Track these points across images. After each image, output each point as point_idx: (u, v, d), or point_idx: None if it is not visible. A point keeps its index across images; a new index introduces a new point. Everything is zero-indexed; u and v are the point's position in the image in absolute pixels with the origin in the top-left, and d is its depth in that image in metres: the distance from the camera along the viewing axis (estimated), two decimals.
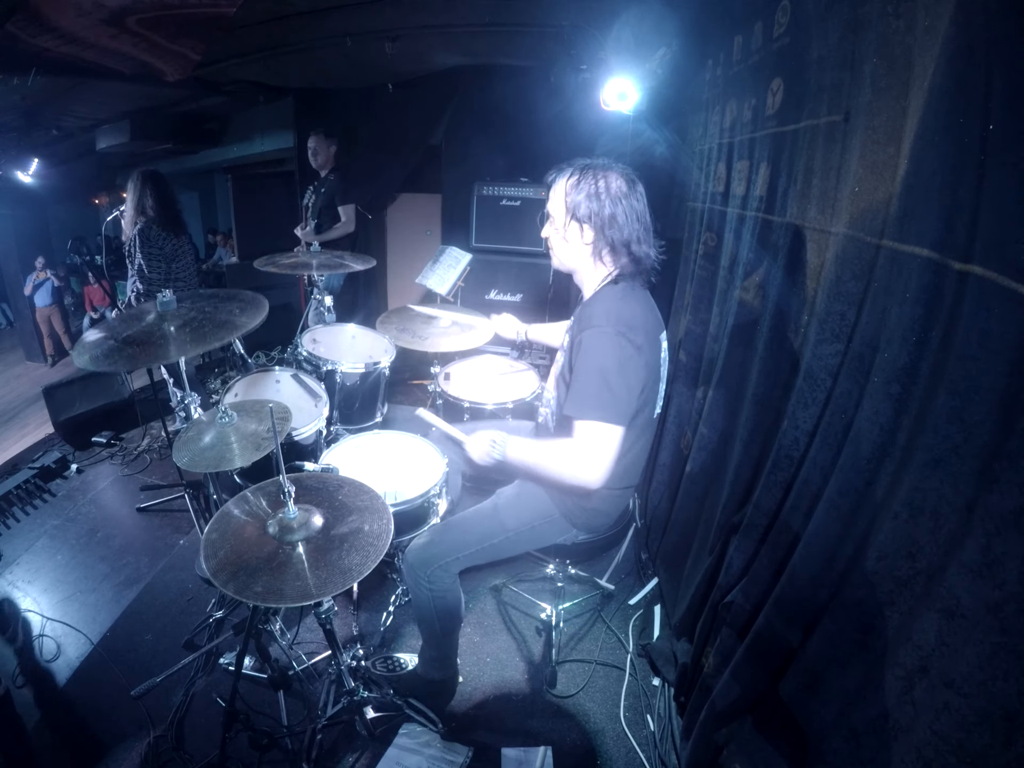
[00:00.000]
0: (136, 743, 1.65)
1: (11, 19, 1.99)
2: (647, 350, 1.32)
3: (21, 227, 6.32)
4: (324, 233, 3.69)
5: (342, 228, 3.69)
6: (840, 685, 0.98)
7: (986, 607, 0.70)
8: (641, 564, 2.36)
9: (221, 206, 8.68)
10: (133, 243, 2.82)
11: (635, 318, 1.32)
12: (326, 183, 3.69)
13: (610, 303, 1.34)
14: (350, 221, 3.70)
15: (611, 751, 1.69)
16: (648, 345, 1.34)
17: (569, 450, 1.29)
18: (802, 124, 1.26)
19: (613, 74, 2.29)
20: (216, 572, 1.18)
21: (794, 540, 1.14)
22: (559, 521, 1.54)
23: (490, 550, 1.55)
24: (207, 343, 1.53)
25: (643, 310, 1.38)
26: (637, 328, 1.30)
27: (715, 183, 1.88)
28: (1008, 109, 0.69)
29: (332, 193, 3.66)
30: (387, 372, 2.41)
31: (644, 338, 1.31)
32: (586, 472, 1.27)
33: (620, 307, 1.32)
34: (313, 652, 1.90)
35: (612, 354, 1.27)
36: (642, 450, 1.55)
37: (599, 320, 1.29)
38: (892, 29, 0.93)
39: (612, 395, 1.26)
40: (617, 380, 1.26)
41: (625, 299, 1.35)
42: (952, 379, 0.76)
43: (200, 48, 2.65)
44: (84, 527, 2.65)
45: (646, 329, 1.35)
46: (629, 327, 1.28)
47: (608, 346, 1.27)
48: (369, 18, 2.76)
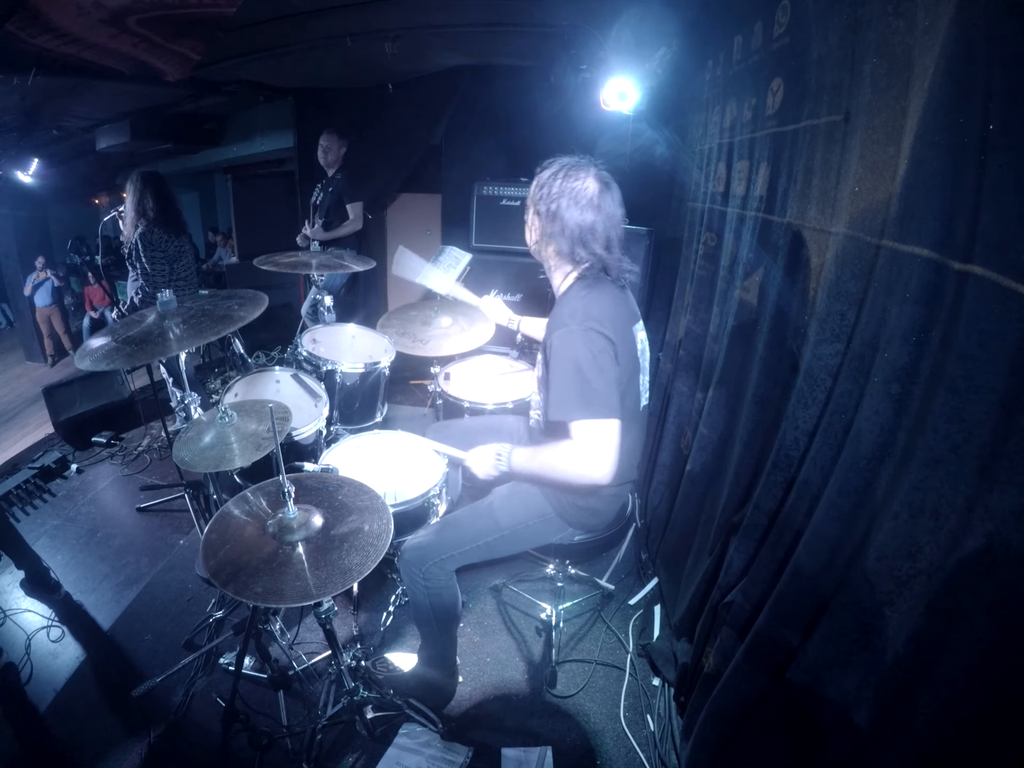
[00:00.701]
0: (136, 743, 1.65)
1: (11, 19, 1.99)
2: (619, 342, 1.32)
3: (21, 227, 6.31)
4: (333, 231, 3.72)
5: (351, 226, 3.72)
6: (840, 685, 0.98)
7: (986, 607, 0.70)
8: (641, 564, 2.36)
9: (221, 206, 8.67)
10: (135, 246, 2.82)
11: (603, 312, 1.32)
12: (334, 182, 3.71)
13: (576, 301, 1.35)
14: (358, 219, 3.72)
15: (611, 751, 1.69)
16: (620, 337, 1.33)
17: (573, 452, 1.28)
18: (802, 124, 1.26)
19: (613, 74, 2.29)
20: (216, 572, 1.18)
21: (794, 540, 1.14)
22: (554, 520, 1.54)
23: (485, 548, 1.55)
24: (205, 336, 1.53)
25: (611, 302, 1.38)
26: (605, 321, 1.30)
27: (715, 183, 1.88)
28: (1008, 109, 0.69)
29: (340, 192, 3.68)
30: (387, 372, 2.42)
31: (613, 330, 1.31)
32: (593, 470, 1.26)
33: (586, 304, 1.33)
34: (313, 652, 1.90)
35: (583, 350, 1.27)
36: (631, 445, 1.53)
37: (566, 319, 1.31)
38: (892, 29, 0.93)
39: (593, 390, 1.26)
40: (594, 374, 1.26)
41: (590, 295, 1.35)
42: (952, 379, 0.76)
43: (200, 48, 2.65)
44: (84, 527, 2.65)
45: (615, 321, 1.34)
46: (597, 321, 1.29)
47: (578, 343, 1.27)
48: (369, 18, 2.76)
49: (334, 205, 3.71)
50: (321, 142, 3.68)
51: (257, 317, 1.65)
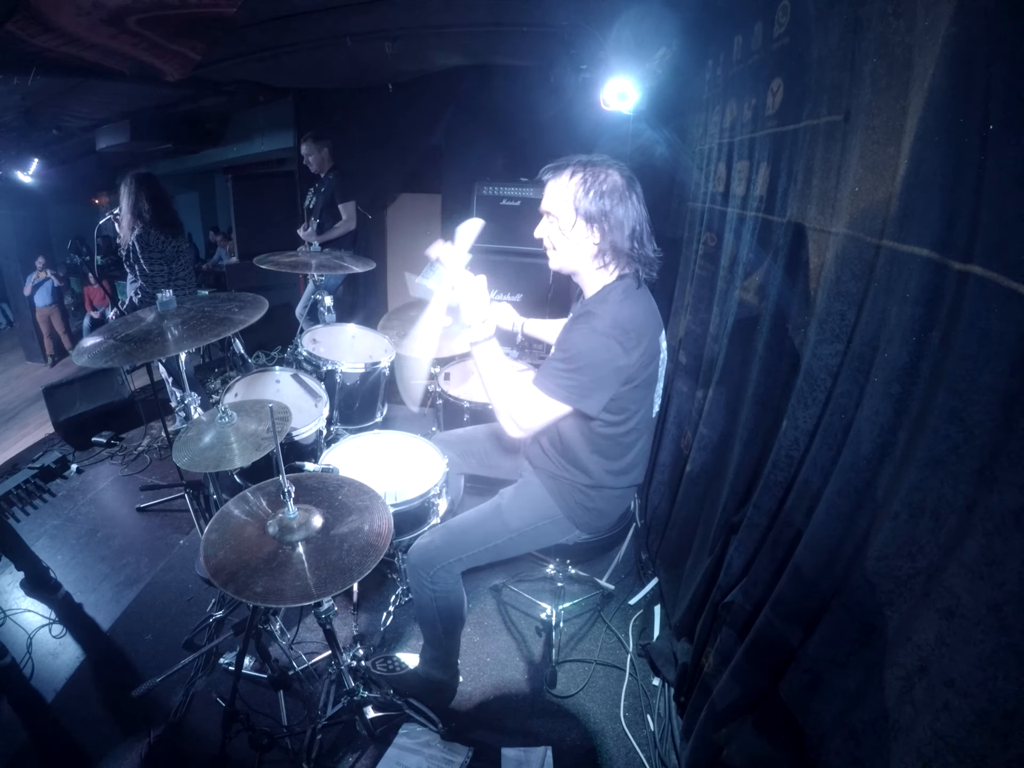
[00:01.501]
0: (136, 743, 1.65)
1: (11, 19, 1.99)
2: (638, 354, 1.31)
3: (21, 227, 6.31)
4: (326, 232, 3.72)
5: (343, 226, 3.72)
6: (840, 685, 0.98)
7: (986, 607, 0.70)
8: (641, 564, 2.36)
9: (221, 206, 8.66)
10: (133, 249, 2.81)
11: (634, 320, 1.31)
12: (326, 183, 3.71)
13: (611, 304, 1.33)
14: (351, 219, 3.73)
15: (611, 751, 1.69)
16: (644, 349, 1.33)
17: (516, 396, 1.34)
18: (802, 124, 1.26)
19: (613, 74, 2.29)
20: (216, 572, 1.18)
21: (794, 540, 1.14)
22: (562, 522, 1.54)
23: (493, 550, 1.55)
24: (204, 338, 1.53)
25: (644, 312, 1.37)
26: (632, 332, 1.29)
27: (715, 183, 1.88)
28: (1008, 109, 0.69)
29: (332, 192, 3.69)
30: (387, 372, 2.41)
31: (637, 342, 1.30)
32: (512, 426, 1.35)
33: (619, 309, 1.31)
34: (313, 652, 1.90)
35: (594, 349, 1.27)
36: (643, 450, 1.54)
37: (595, 320, 1.29)
38: (892, 29, 0.93)
39: (572, 378, 1.28)
40: (588, 369, 1.27)
41: (626, 301, 1.34)
42: (952, 379, 0.76)
43: (200, 48, 2.65)
44: (84, 527, 2.65)
45: (644, 332, 1.33)
46: (624, 331, 1.28)
47: (594, 342, 1.27)
48: (369, 18, 2.76)
49: (327, 206, 3.71)
50: (301, 151, 3.70)
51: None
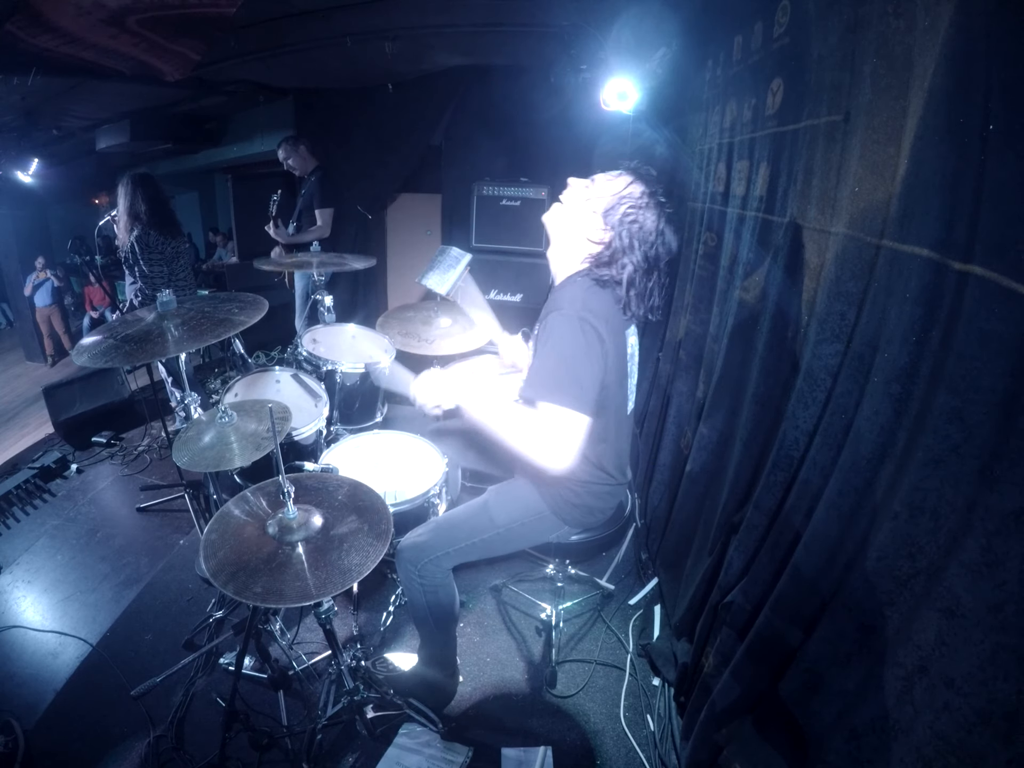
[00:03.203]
0: (136, 743, 1.65)
1: (11, 19, 1.99)
2: (610, 342, 1.31)
3: (21, 227, 6.31)
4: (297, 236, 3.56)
5: (316, 232, 3.52)
6: (840, 685, 0.98)
7: (986, 607, 0.70)
8: (641, 564, 2.36)
9: (221, 206, 8.66)
10: (132, 250, 2.81)
11: (601, 307, 1.31)
12: (307, 184, 3.59)
13: (577, 289, 1.34)
14: (326, 226, 3.54)
15: (611, 751, 1.69)
16: (612, 337, 1.32)
17: (535, 430, 1.25)
18: (802, 124, 1.26)
19: (613, 74, 2.29)
20: (216, 572, 1.18)
21: (794, 540, 1.14)
22: (549, 518, 1.53)
23: (481, 546, 1.54)
24: (204, 339, 1.53)
25: (610, 302, 1.37)
26: (601, 317, 1.29)
27: (715, 183, 1.88)
28: (1008, 109, 0.69)
29: (311, 196, 3.54)
30: (387, 372, 2.41)
31: (607, 328, 1.29)
32: (549, 459, 1.22)
33: (587, 295, 1.32)
34: (313, 652, 1.90)
35: (575, 338, 1.25)
36: (623, 446, 1.53)
37: (564, 304, 1.29)
38: (892, 29, 0.93)
39: (572, 378, 1.24)
40: (578, 363, 1.25)
41: (592, 288, 1.34)
42: (952, 379, 0.76)
43: (200, 48, 2.65)
44: (84, 527, 2.65)
45: (610, 321, 1.33)
46: (594, 314, 1.27)
47: (571, 329, 1.26)
48: (369, 18, 2.76)
49: (305, 209, 3.58)
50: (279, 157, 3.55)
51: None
